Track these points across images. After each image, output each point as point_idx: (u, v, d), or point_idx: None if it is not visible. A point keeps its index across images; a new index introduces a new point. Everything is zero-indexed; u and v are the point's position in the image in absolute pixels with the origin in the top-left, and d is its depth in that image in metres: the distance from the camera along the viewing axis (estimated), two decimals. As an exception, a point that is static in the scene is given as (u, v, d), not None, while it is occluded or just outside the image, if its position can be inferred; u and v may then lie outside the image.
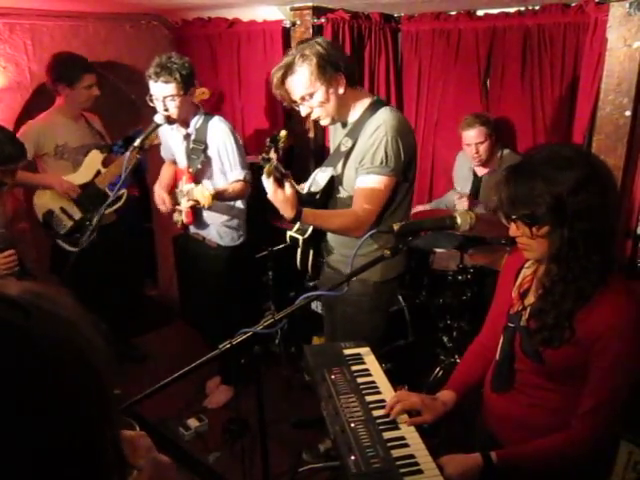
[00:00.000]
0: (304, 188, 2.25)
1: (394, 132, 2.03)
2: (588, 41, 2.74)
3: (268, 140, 1.84)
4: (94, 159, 3.27)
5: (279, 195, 1.92)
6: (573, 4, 2.85)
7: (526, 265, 1.56)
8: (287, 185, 1.93)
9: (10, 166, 2.38)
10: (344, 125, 2.23)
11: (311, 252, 2.32)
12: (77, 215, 3.22)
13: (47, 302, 0.63)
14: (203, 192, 2.58)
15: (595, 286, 1.35)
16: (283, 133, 1.88)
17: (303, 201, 2.15)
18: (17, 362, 0.57)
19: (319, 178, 2.22)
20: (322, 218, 2.15)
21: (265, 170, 1.88)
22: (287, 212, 1.96)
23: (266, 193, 1.98)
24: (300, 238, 2.25)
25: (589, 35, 2.73)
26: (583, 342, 1.36)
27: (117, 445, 0.67)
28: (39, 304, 0.62)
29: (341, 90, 2.07)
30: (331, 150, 2.36)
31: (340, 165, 2.21)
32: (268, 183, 1.92)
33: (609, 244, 1.37)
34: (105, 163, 3.28)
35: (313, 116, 2.13)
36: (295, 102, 2.12)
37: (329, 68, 2.01)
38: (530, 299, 1.50)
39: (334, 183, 2.24)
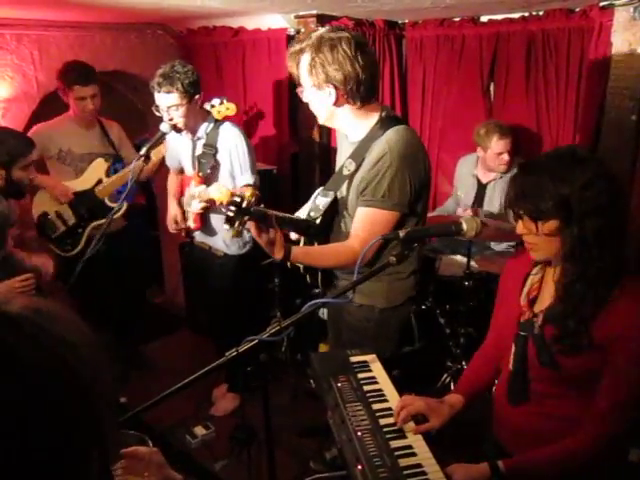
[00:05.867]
0: (304, 212, 2.14)
1: (400, 162, 1.85)
2: (593, 46, 2.74)
3: (233, 208, 1.68)
4: (97, 167, 3.28)
5: (263, 238, 1.80)
6: (577, 9, 2.85)
7: (533, 272, 1.54)
8: (271, 228, 1.80)
9: (21, 160, 2.47)
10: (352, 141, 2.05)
11: (319, 272, 2.18)
12: (71, 221, 3.23)
13: (46, 320, 0.62)
14: (220, 188, 2.54)
15: (610, 288, 1.34)
16: (248, 194, 1.71)
17: (302, 227, 2.07)
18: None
19: (319, 202, 2.08)
20: (313, 256, 2.00)
21: (231, 234, 1.73)
22: (274, 254, 1.84)
23: (280, 221, 1.91)
24: (301, 266, 2.12)
25: (594, 40, 2.72)
26: (600, 346, 1.34)
27: (106, 470, 0.66)
28: (38, 322, 0.61)
29: (330, 102, 1.90)
30: (336, 168, 2.18)
31: (344, 188, 2.05)
32: (252, 228, 1.80)
33: (620, 244, 1.36)
34: (108, 173, 3.29)
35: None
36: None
37: (320, 73, 1.85)
38: (540, 306, 1.49)
39: (337, 207, 2.09)
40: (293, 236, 2.15)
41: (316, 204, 2.08)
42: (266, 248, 1.84)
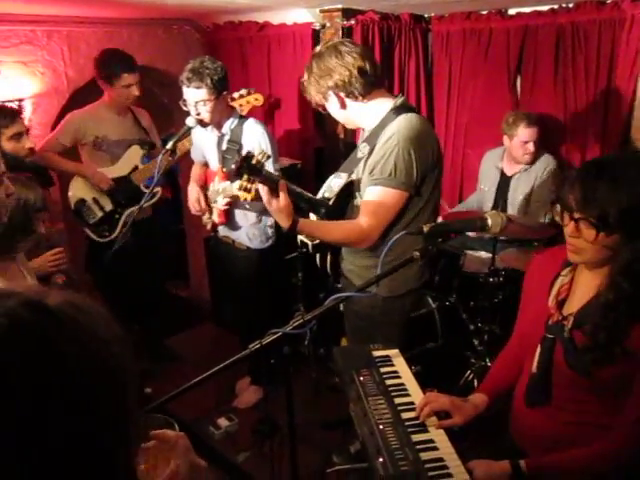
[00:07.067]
0: (318, 193, 2.19)
1: (407, 143, 1.92)
2: (624, 38, 2.69)
3: (241, 163, 1.77)
4: (133, 154, 3.33)
5: (273, 204, 1.88)
6: (608, 1, 2.79)
7: (563, 273, 1.50)
8: (281, 194, 1.87)
9: (4, 131, 2.43)
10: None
11: (329, 255, 2.25)
12: (108, 207, 3.29)
13: (84, 316, 0.63)
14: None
15: None
16: (257, 152, 1.81)
17: (316, 206, 2.10)
18: (38, 369, 0.57)
19: (333, 184, 2.16)
20: (321, 229, 2.05)
21: (236, 187, 1.86)
22: (282, 222, 1.92)
23: (295, 195, 1.97)
24: (310, 243, 2.18)
25: (625, 32, 2.67)
26: (633, 355, 1.30)
27: (130, 467, 0.67)
28: (76, 317, 0.62)
29: (338, 108, 2.06)
30: None
31: (360, 171, 2.12)
32: (262, 192, 1.87)
33: None
34: (143, 159, 3.34)
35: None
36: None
37: (319, 87, 2.02)
38: (570, 308, 1.44)
39: (351, 189, 2.15)
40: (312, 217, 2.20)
41: (330, 186, 2.16)
42: (275, 215, 1.93)
